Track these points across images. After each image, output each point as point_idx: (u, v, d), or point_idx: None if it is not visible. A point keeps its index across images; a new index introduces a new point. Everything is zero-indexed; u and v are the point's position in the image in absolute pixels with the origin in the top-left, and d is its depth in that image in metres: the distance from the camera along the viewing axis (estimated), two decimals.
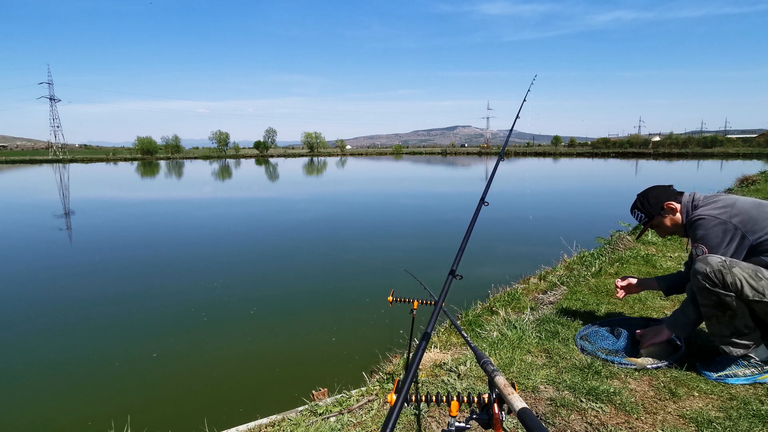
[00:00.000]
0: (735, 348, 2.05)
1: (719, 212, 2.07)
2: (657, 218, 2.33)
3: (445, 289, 1.09)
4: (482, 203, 1.56)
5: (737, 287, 1.91)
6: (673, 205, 2.26)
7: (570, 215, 12.87)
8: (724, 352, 2.09)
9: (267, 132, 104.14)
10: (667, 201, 2.28)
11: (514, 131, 2.53)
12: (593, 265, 4.42)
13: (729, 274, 1.92)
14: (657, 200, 2.32)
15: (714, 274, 1.94)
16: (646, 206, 2.35)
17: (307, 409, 2.29)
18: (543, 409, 1.97)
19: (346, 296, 6.13)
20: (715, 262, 1.96)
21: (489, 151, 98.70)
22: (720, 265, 1.94)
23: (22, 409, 3.64)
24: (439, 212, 14.33)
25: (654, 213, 2.33)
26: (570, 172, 36.47)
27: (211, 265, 7.81)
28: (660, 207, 2.30)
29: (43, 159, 72.13)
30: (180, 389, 3.91)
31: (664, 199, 2.29)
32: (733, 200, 2.11)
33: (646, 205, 2.35)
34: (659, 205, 2.31)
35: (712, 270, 1.95)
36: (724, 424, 1.76)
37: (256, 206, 16.52)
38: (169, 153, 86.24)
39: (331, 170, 42.15)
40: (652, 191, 2.37)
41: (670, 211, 2.28)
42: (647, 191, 2.39)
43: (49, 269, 7.71)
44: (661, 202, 2.30)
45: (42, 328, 5.16)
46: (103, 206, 16.76)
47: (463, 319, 3.76)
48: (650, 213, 2.34)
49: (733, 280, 1.91)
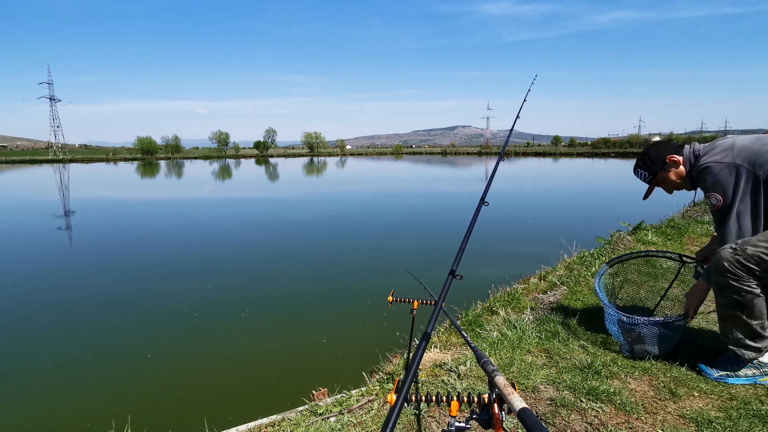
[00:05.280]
0: (747, 351, 2.03)
1: (722, 156, 2.03)
2: (661, 174, 2.28)
3: (445, 289, 1.09)
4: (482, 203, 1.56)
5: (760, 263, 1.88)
6: (675, 158, 2.21)
7: (570, 215, 12.87)
8: (735, 354, 2.07)
9: (267, 132, 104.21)
10: (669, 155, 2.23)
11: (514, 131, 2.53)
12: (593, 265, 4.42)
13: (744, 257, 1.89)
14: (658, 155, 2.27)
15: (734, 266, 1.92)
16: (648, 163, 2.29)
17: (307, 409, 2.29)
18: (543, 409, 1.97)
19: (346, 296, 6.13)
20: (728, 254, 1.94)
21: (489, 151, 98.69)
22: (733, 255, 1.92)
23: (21, 409, 3.64)
24: (439, 212, 14.32)
25: (657, 169, 2.27)
26: (570, 172, 36.46)
27: (211, 266, 7.81)
28: (662, 162, 2.25)
29: (43, 159, 72.13)
30: (180, 389, 3.91)
31: (666, 153, 2.24)
32: (731, 141, 2.08)
33: (648, 162, 2.30)
34: (661, 160, 2.25)
35: (729, 262, 1.93)
36: (724, 424, 1.76)
37: (257, 206, 16.51)
38: (169, 153, 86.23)
39: (331, 170, 42.15)
40: (653, 148, 2.32)
41: (673, 164, 2.23)
42: (647, 149, 2.34)
43: (48, 270, 7.71)
44: (662, 156, 2.25)
45: (40, 328, 5.15)
46: (103, 206, 16.75)
47: (463, 319, 3.76)
48: (653, 169, 2.28)
49: (751, 259, 1.89)
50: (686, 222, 6.33)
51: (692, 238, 5.39)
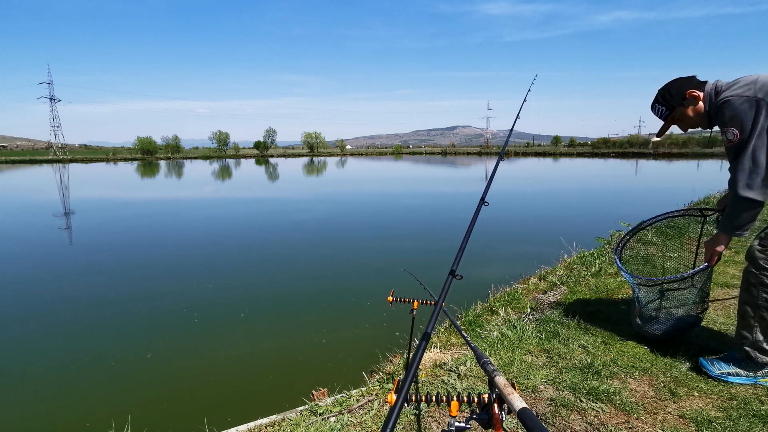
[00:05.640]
0: (763, 355, 2.02)
1: (744, 90, 1.95)
2: (679, 109, 2.20)
3: (445, 289, 1.09)
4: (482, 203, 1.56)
5: None
6: (695, 93, 2.13)
7: (570, 215, 12.87)
8: (746, 355, 2.06)
9: (267, 132, 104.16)
10: (690, 89, 2.15)
11: (514, 131, 2.53)
12: (593, 265, 4.42)
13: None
14: (678, 90, 2.18)
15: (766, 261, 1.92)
16: (667, 98, 2.21)
17: (307, 409, 2.29)
18: (543, 409, 1.97)
19: (347, 296, 6.13)
20: (755, 249, 1.94)
21: (489, 151, 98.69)
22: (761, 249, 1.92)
23: (21, 409, 3.64)
24: (439, 212, 14.32)
25: (675, 104, 2.19)
26: (570, 172, 36.46)
27: (211, 266, 7.80)
28: (681, 97, 2.17)
29: (43, 159, 72.07)
30: (180, 389, 3.91)
31: (687, 88, 2.16)
32: (755, 77, 2.01)
33: (667, 97, 2.21)
34: (681, 95, 2.17)
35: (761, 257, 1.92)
36: (724, 424, 1.76)
37: (256, 206, 16.51)
38: (169, 153, 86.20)
39: (331, 170, 42.15)
40: (674, 82, 2.23)
41: (692, 100, 2.14)
42: (668, 83, 2.25)
43: (48, 270, 7.71)
44: (683, 91, 2.16)
45: (40, 327, 5.15)
46: (103, 206, 16.75)
47: (463, 319, 3.76)
48: (671, 105, 2.20)
49: None
50: (686, 222, 6.32)
51: (692, 238, 5.39)
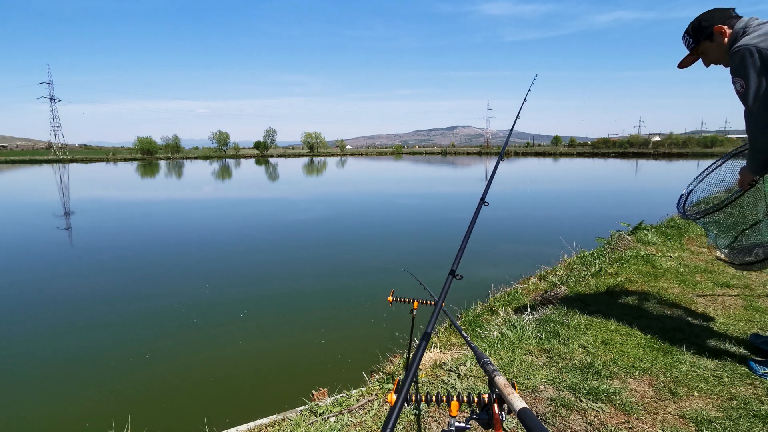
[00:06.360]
0: None
1: (759, 40, 1.88)
2: (704, 43, 2.15)
3: (445, 289, 1.09)
4: (482, 203, 1.56)
5: None
6: (723, 29, 2.07)
7: (570, 215, 12.87)
8: None
9: (267, 132, 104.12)
10: (718, 25, 2.09)
11: (514, 131, 2.52)
12: (593, 265, 4.42)
13: None
14: (709, 23, 2.12)
15: None
16: (698, 30, 2.16)
17: (307, 409, 2.29)
18: (543, 409, 1.97)
19: (347, 296, 6.13)
20: None
21: (489, 151, 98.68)
22: None
23: (21, 409, 3.64)
24: (439, 212, 14.32)
25: (701, 38, 2.15)
26: (570, 172, 36.46)
27: (210, 266, 7.80)
28: (709, 32, 2.12)
29: (43, 159, 72.05)
30: (180, 389, 3.91)
31: (717, 22, 2.10)
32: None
33: (697, 28, 2.16)
34: (709, 29, 2.12)
35: None
36: (724, 424, 1.76)
37: (256, 206, 16.51)
38: (169, 153, 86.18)
39: (331, 170, 42.15)
40: (709, 12, 2.17)
41: (719, 35, 2.09)
42: (704, 14, 2.19)
43: (48, 270, 7.72)
44: (712, 25, 2.11)
45: (40, 327, 5.15)
46: (103, 206, 16.75)
47: (463, 319, 3.77)
48: (698, 38, 2.16)
49: None
50: (686, 222, 6.32)
51: (692, 238, 5.40)
